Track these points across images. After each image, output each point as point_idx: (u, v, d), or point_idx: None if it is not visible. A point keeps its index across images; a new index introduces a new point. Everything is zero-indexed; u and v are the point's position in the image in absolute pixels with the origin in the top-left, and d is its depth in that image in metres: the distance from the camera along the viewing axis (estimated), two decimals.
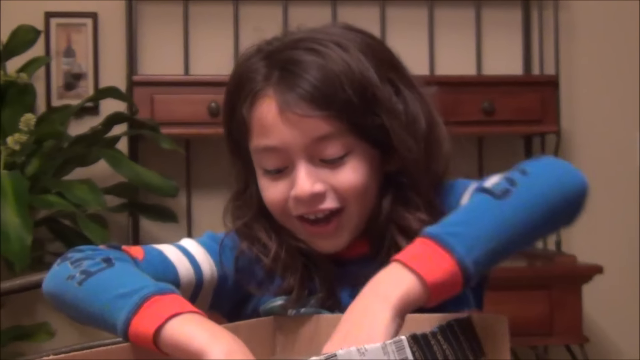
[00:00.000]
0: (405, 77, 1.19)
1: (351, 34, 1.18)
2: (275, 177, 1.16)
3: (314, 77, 1.11)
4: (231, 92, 1.20)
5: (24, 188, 2.46)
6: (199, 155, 3.18)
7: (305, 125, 1.11)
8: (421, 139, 1.16)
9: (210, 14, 3.23)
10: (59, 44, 3.14)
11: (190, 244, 1.23)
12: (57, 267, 1.11)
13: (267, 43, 1.19)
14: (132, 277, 1.05)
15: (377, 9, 3.26)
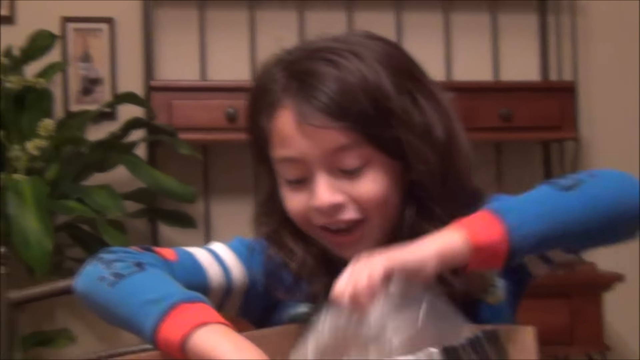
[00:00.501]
0: (424, 87, 1.19)
1: (371, 42, 1.18)
2: (296, 187, 1.16)
3: (330, 89, 1.11)
4: (252, 102, 1.21)
5: (44, 193, 2.47)
6: (216, 160, 3.19)
7: (322, 137, 1.12)
8: (438, 149, 1.15)
9: (226, 20, 3.23)
10: (76, 49, 3.15)
11: (220, 248, 1.23)
12: (89, 267, 1.12)
13: (288, 52, 1.20)
14: (162, 283, 1.06)
15: (393, 14, 3.26)
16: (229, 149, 3.18)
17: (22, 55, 2.92)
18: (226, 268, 1.20)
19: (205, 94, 3.00)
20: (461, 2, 3.33)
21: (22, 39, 2.94)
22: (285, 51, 1.20)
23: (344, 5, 3.25)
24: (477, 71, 3.29)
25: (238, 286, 1.21)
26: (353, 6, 3.25)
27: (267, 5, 3.24)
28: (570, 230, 1.04)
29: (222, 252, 1.22)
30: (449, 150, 1.17)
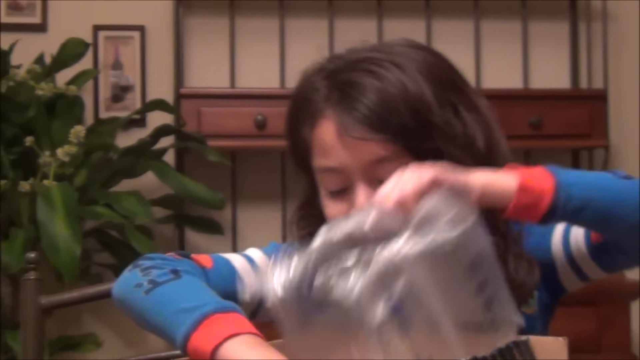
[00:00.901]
0: (466, 97, 1.18)
1: (412, 52, 1.17)
2: (337, 196, 1.16)
3: (371, 101, 1.11)
4: (293, 110, 1.21)
5: (73, 199, 2.49)
6: (244, 167, 3.20)
7: (362, 149, 1.12)
8: (479, 160, 1.14)
9: (256, 27, 3.24)
10: (107, 56, 3.18)
11: (256, 254, 1.24)
12: (127, 274, 1.13)
13: (329, 61, 1.20)
14: (196, 291, 1.06)
15: (424, 21, 3.26)
16: (257, 156, 3.19)
17: (53, 63, 2.94)
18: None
19: (234, 101, 3.01)
20: (492, 9, 3.32)
21: (55, 47, 2.97)
22: (326, 59, 1.21)
23: (375, 13, 3.25)
24: (507, 78, 3.27)
25: None
26: (384, 13, 3.25)
27: (297, 13, 3.25)
28: (615, 212, 1.06)
29: (257, 258, 1.23)
30: (490, 161, 1.16)
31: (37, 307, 1.52)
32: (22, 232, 2.55)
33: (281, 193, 3.19)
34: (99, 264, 2.88)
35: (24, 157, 2.73)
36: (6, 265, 2.43)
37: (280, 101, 2.99)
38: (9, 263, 2.42)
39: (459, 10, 3.30)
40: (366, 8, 3.26)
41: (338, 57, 1.20)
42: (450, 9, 3.30)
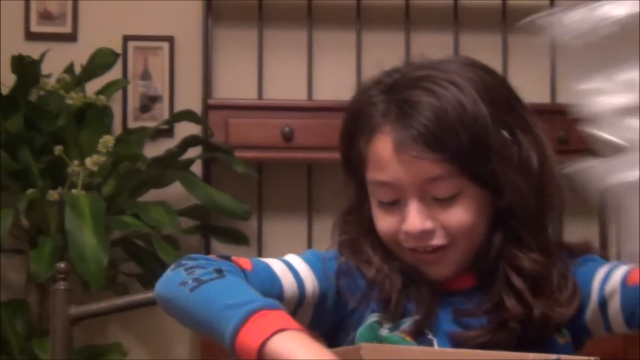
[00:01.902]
0: (522, 119, 1.20)
1: (471, 71, 1.20)
2: (389, 209, 1.19)
3: (429, 120, 1.14)
4: (350, 122, 1.24)
5: (101, 209, 2.50)
6: (271, 178, 3.21)
7: (418, 166, 1.15)
8: (533, 182, 1.18)
9: (284, 39, 3.26)
10: (136, 66, 3.20)
11: (294, 259, 1.25)
12: (170, 273, 1.14)
13: (387, 75, 1.23)
14: (241, 289, 1.08)
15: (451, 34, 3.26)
16: (284, 168, 3.20)
17: (83, 73, 2.97)
18: (300, 279, 1.22)
19: (262, 112, 3.02)
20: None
21: (85, 56, 3.00)
22: (384, 73, 1.23)
23: (403, 26, 3.26)
24: (535, 93, 3.26)
25: (310, 297, 1.23)
26: (412, 26, 3.26)
27: (325, 25, 3.26)
28: None
29: (296, 263, 1.24)
30: (543, 183, 1.19)
31: (66, 317, 1.53)
32: (50, 241, 2.57)
33: (307, 205, 3.20)
34: (126, 273, 2.90)
35: (53, 166, 2.75)
36: (34, 274, 2.46)
37: (307, 113, 3.02)
38: (37, 272, 2.44)
39: (487, 23, 3.30)
40: (394, 20, 3.27)
41: (396, 71, 1.22)
42: (478, 22, 3.30)
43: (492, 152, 1.15)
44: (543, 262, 1.19)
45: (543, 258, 1.19)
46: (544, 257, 1.19)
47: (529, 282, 1.18)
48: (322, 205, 3.21)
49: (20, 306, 2.77)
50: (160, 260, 2.65)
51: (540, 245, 1.19)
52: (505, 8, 3.30)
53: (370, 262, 1.23)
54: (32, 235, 2.74)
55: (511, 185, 1.16)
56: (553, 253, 1.21)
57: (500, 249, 1.19)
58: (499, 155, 1.15)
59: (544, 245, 1.20)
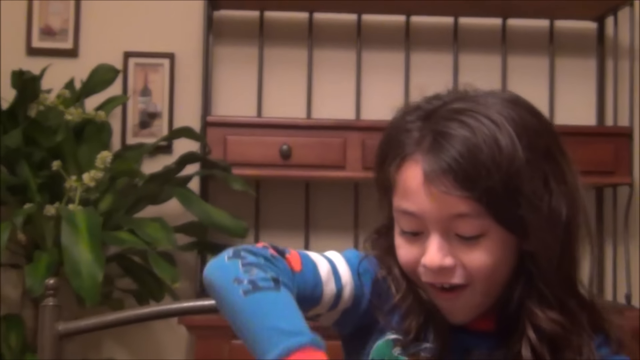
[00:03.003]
0: (558, 168, 1.15)
1: (513, 110, 1.15)
2: (411, 239, 1.17)
3: (462, 157, 1.10)
4: (384, 145, 1.21)
5: (97, 225, 2.51)
6: (268, 196, 3.22)
7: (445, 201, 1.12)
8: (559, 235, 1.14)
9: (285, 57, 3.27)
10: (136, 83, 3.22)
11: (340, 262, 1.25)
12: (227, 262, 1.12)
13: (427, 101, 1.20)
14: (294, 314, 1.06)
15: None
16: (281, 186, 3.21)
17: (83, 88, 2.99)
18: (340, 286, 1.22)
19: (261, 130, 3.03)
20: (519, 45, 3.33)
21: (85, 72, 3.02)
22: (425, 99, 1.21)
23: (403, 46, 3.27)
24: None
25: (343, 304, 1.23)
26: (411, 47, 3.27)
27: (325, 44, 3.28)
28: None
29: (340, 265, 1.24)
30: (570, 237, 1.16)
31: (55, 333, 1.53)
32: (46, 256, 2.57)
33: (304, 223, 3.20)
34: (121, 289, 2.90)
35: (51, 181, 2.76)
36: (29, 288, 2.46)
37: (305, 131, 3.03)
38: (32, 287, 2.44)
39: (485, 44, 3.31)
40: (394, 40, 3.29)
41: (437, 99, 1.19)
42: (476, 44, 3.31)
43: (523, 199, 1.10)
44: (564, 324, 1.15)
45: (564, 319, 1.16)
46: (566, 319, 1.16)
47: (548, 342, 1.15)
48: (319, 223, 3.22)
49: (15, 321, 2.77)
50: (156, 277, 2.66)
51: (562, 304, 1.16)
52: (553, 30, 3.32)
53: (397, 287, 1.23)
54: (29, 249, 2.75)
55: (537, 235, 1.12)
56: (578, 315, 1.16)
57: (520, 304, 1.16)
58: (529, 202, 1.11)
59: (567, 304, 1.16)
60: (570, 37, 3.35)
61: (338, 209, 3.24)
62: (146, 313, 1.59)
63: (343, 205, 3.23)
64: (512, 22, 3.32)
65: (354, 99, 3.26)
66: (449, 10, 3.24)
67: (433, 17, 3.29)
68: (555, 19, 3.32)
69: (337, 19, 3.28)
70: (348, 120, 3.13)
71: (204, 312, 1.60)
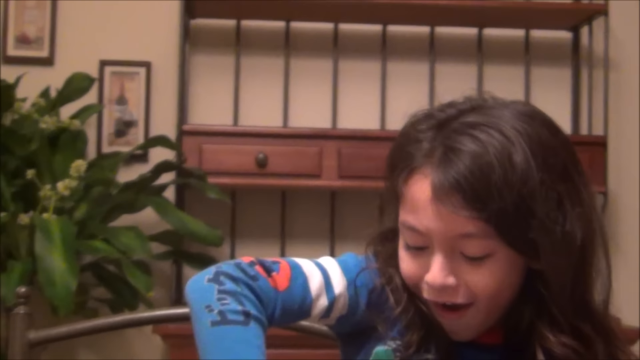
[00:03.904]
0: (574, 189, 1.10)
1: (529, 125, 1.09)
2: (415, 253, 1.14)
3: (473, 175, 1.05)
4: (393, 154, 1.17)
5: (71, 234, 2.50)
6: (244, 205, 3.21)
7: (452, 221, 1.07)
8: (572, 260, 1.09)
9: (261, 66, 3.27)
10: (112, 91, 3.21)
11: (334, 271, 1.21)
12: (205, 284, 1.11)
13: (441, 109, 1.14)
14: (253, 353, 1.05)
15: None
16: (257, 194, 3.21)
17: (58, 97, 2.98)
18: (332, 298, 1.19)
19: (236, 139, 3.03)
20: (496, 55, 3.35)
21: (61, 81, 3.01)
22: (439, 107, 1.15)
23: (380, 55, 3.28)
24: None
25: (337, 312, 1.20)
26: (388, 56, 3.28)
27: (302, 53, 3.28)
28: None
29: (334, 276, 1.20)
30: (583, 257, 1.11)
31: (25, 341, 1.52)
32: (20, 265, 2.56)
33: (280, 232, 3.20)
34: (96, 298, 2.89)
35: (25, 189, 2.75)
36: (3, 297, 2.44)
37: (281, 140, 3.03)
38: (6, 296, 2.42)
39: (460, 53, 3.32)
40: (371, 49, 3.30)
41: (451, 107, 1.14)
42: (453, 53, 3.32)
43: (535, 221, 1.05)
44: (577, 349, 1.10)
45: (577, 344, 1.11)
46: (579, 343, 1.11)
47: None
48: (295, 232, 3.22)
49: None
50: (131, 286, 2.64)
51: (575, 328, 1.11)
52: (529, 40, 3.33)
53: (398, 299, 1.19)
54: (2, 259, 2.73)
55: (549, 259, 1.07)
56: (593, 340, 1.11)
57: (531, 323, 1.12)
58: (541, 225, 1.05)
59: (580, 329, 1.11)
60: (545, 47, 3.37)
61: (314, 217, 3.24)
62: (118, 321, 1.58)
63: (319, 214, 3.23)
64: (488, 31, 3.33)
65: (331, 108, 3.27)
66: (425, 19, 3.25)
67: (409, 27, 3.30)
68: (531, 29, 3.34)
69: (314, 28, 3.29)
70: (324, 129, 3.13)
71: (176, 320, 1.60)
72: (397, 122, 1.18)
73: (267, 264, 1.16)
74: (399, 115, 1.19)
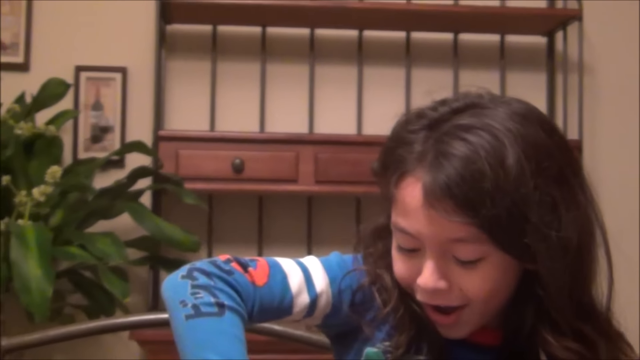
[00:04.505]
0: (570, 192, 1.08)
1: (524, 127, 1.06)
2: (407, 255, 1.12)
3: (464, 181, 1.02)
4: (385, 154, 1.14)
5: (47, 240, 2.49)
6: (221, 210, 3.21)
7: (444, 226, 1.05)
8: (568, 261, 1.06)
9: (237, 72, 3.27)
10: (88, 97, 3.20)
11: (316, 271, 1.20)
12: (179, 280, 1.11)
13: (433, 108, 1.12)
14: (227, 342, 1.05)
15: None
16: (234, 199, 3.21)
17: (33, 103, 2.96)
18: (314, 296, 1.18)
19: (213, 144, 3.03)
20: (471, 60, 3.36)
21: (37, 86, 2.99)
22: (431, 105, 1.13)
23: (356, 60, 3.29)
24: None
25: (320, 311, 1.20)
26: (364, 61, 3.29)
27: (278, 58, 3.29)
28: None
29: (315, 273, 1.19)
30: (579, 262, 1.08)
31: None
32: None
33: (257, 237, 3.20)
34: (72, 304, 2.88)
35: (0, 196, 2.73)
36: None
37: (258, 145, 3.03)
38: None
39: (436, 58, 3.34)
40: (347, 54, 3.30)
41: (443, 104, 1.12)
42: (428, 59, 3.34)
43: (529, 227, 1.03)
44: (580, 352, 1.09)
45: (580, 347, 1.09)
46: (582, 346, 1.09)
47: None
48: (272, 237, 3.22)
49: None
50: (107, 292, 2.63)
51: (576, 331, 1.09)
52: (504, 45, 3.34)
53: (387, 298, 1.18)
54: None
55: (544, 263, 1.05)
56: (596, 342, 1.10)
57: (533, 328, 1.11)
58: (535, 230, 1.03)
59: (582, 332, 1.09)
60: (520, 52, 3.39)
61: (291, 222, 3.24)
62: (94, 327, 1.58)
63: (296, 219, 3.23)
64: (463, 36, 3.35)
65: (307, 113, 3.27)
66: (401, 24, 3.26)
67: (385, 32, 3.31)
68: (506, 34, 3.36)
69: (290, 33, 3.29)
70: (301, 134, 3.14)
71: (153, 325, 1.59)
72: (373, 127, 1.18)
73: (244, 260, 1.16)
74: (375, 120, 1.19)
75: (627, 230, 3.25)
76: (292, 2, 3.10)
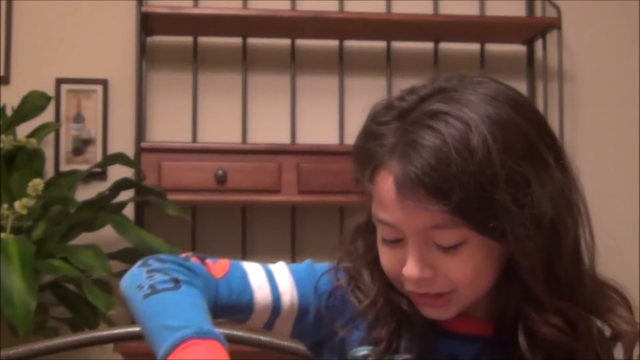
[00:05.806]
0: (542, 167, 1.08)
1: (492, 106, 1.07)
2: (392, 246, 1.13)
3: (433, 169, 1.03)
4: (357, 149, 1.15)
5: (29, 253, 2.48)
6: (204, 222, 3.21)
7: (418, 214, 1.06)
8: (544, 239, 1.07)
9: (219, 83, 3.28)
10: (69, 109, 3.19)
11: (280, 271, 1.22)
12: (135, 270, 1.14)
13: (401, 98, 1.12)
14: (186, 309, 1.06)
15: None
16: (217, 210, 3.21)
17: (14, 116, 2.95)
18: (276, 293, 1.19)
19: (195, 155, 3.03)
20: (452, 68, 3.36)
21: (17, 99, 2.98)
22: (399, 95, 1.13)
23: (337, 69, 3.30)
24: None
25: (287, 311, 1.20)
26: (345, 71, 3.30)
27: (259, 69, 3.29)
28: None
29: (279, 275, 1.21)
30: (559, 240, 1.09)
31: None
32: None
33: (241, 248, 3.20)
34: (56, 317, 2.86)
35: None
36: None
37: (240, 156, 3.03)
38: None
39: (417, 67, 3.35)
40: (328, 64, 3.31)
41: (411, 93, 1.12)
42: (409, 68, 3.35)
43: (500, 207, 1.03)
44: (564, 329, 1.09)
45: (564, 323, 1.10)
46: (568, 326, 1.10)
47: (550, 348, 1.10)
48: (256, 248, 3.22)
49: None
50: (91, 305, 2.62)
51: (560, 308, 1.09)
52: (484, 53, 3.36)
53: (365, 293, 1.18)
54: None
55: (519, 242, 1.05)
56: (582, 318, 1.10)
57: (518, 308, 1.11)
58: (506, 210, 1.03)
59: (566, 308, 1.09)
60: (500, 60, 3.41)
61: (274, 233, 3.25)
62: (78, 340, 1.57)
63: (279, 229, 3.24)
64: (443, 45, 3.37)
65: (289, 123, 3.28)
66: (381, 34, 3.28)
67: (366, 42, 3.32)
68: (486, 43, 3.38)
69: (271, 44, 3.30)
70: (283, 144, 3.14)
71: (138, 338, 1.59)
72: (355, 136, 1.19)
73: (203, 256, 1.18)
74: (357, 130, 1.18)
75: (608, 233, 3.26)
76: (273, 12, 3.11)
